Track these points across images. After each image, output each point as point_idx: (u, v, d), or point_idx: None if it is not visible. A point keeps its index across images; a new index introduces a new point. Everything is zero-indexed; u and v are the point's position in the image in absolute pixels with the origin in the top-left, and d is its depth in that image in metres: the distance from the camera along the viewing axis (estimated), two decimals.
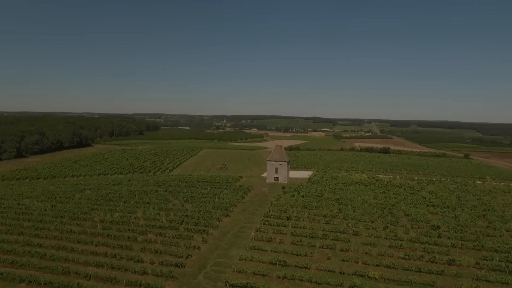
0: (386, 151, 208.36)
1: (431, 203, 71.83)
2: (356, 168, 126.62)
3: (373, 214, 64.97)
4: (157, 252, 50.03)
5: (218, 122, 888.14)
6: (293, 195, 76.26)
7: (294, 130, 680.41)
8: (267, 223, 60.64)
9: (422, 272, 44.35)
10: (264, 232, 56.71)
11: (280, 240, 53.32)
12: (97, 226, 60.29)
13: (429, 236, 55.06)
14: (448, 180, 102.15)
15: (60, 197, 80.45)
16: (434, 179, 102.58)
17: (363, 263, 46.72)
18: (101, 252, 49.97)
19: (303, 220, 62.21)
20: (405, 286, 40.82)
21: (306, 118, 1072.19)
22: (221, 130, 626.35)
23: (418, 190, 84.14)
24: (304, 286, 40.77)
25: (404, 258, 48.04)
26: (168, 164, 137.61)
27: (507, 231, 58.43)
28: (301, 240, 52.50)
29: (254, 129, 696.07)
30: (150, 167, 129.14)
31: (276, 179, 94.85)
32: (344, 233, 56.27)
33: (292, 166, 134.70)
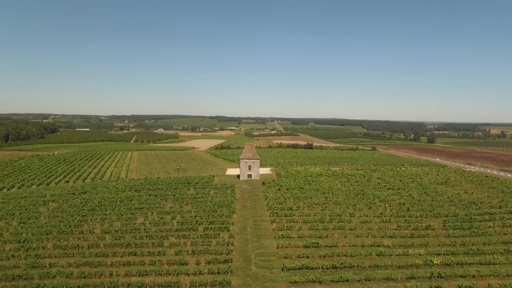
0: (309, 146, 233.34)
1: (386, 187, 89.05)
2: (302, 162, 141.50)
3: (353, 199, 77.77)
4: (195, 253, 51.10)
5: (119, 123, 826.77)
6: (279, 189, 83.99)
7: (201, 130, 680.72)
8: (275, 214, 67.00)
9: (414, 237, 57.91)
10: (279, 223, 63.01)
11: (299, 227, 60.66)
12: (105, 237, 56.74)
13: (402, 211, 70.06)
14: (382, 168, 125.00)
15: (21, 213, 70.25)
16: (372, 168, 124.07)
17: (372, 237, 57.86)
18: (136, 262, 48.34)
19: (303, 209, 70.64)
20: (411, 248, 53.12)
21: (211, 117, 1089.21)
22: (125, 131, 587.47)
23: (370, 178, 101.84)
24: (344, 260, 48.94)
25: (397, 229, 61.09)
26: (115, 168, 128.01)
27: (446, 201, 78.05)
28: (317, 225, 60.86)
29: (161, 129, 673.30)
30: (98, 173, 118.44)
31: (249, 176, 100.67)
32: (343, 216, 66.91)
33: None
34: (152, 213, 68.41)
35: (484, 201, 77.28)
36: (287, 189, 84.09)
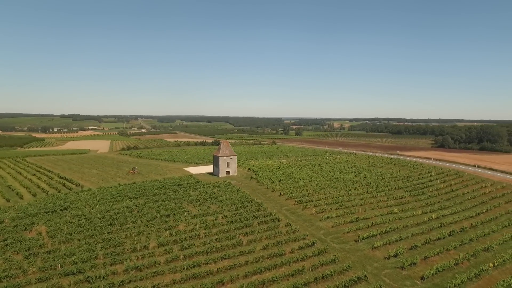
0: (217, 143, 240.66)
1: (344, 172, 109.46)
2: (246, 157, 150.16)
3: (334, 182, 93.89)
4: (279, 244, 54.95)
5: None
6: (273, 182, 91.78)
7: (55, 130, 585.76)
8: (300, 202, 76.06)
9: (403, 203, 78.44)
10: (309, 208, 72.76)
11: (330, 209, 72.19)
12: (173, 250, 53.28)
13: (374, 188, 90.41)
14: (316, 158, 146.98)
15: (6, 244, 55.43)
16: (309, 159, 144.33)
17: (380, 208, 75.07)
18: (242, 262, 48.48)
19: (312, 195, 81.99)
20: (413, 210, 72.36)
21: (63, 116, 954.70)
22: None
23: (320, 165, 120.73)
24: (384, 227, 63.45)
25: (386, 201, 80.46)
26: (48, 178, 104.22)
27: (391, 179, 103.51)
28: (342, 205, 73.83)
29: None
30: (30, 186, 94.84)
31: (228, 172, 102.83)
32: (345, 196, 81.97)
33: (200, 162, 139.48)
34: (186, 218, 66.17)
35: (411, 176, 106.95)
36: (279, 180, 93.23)
